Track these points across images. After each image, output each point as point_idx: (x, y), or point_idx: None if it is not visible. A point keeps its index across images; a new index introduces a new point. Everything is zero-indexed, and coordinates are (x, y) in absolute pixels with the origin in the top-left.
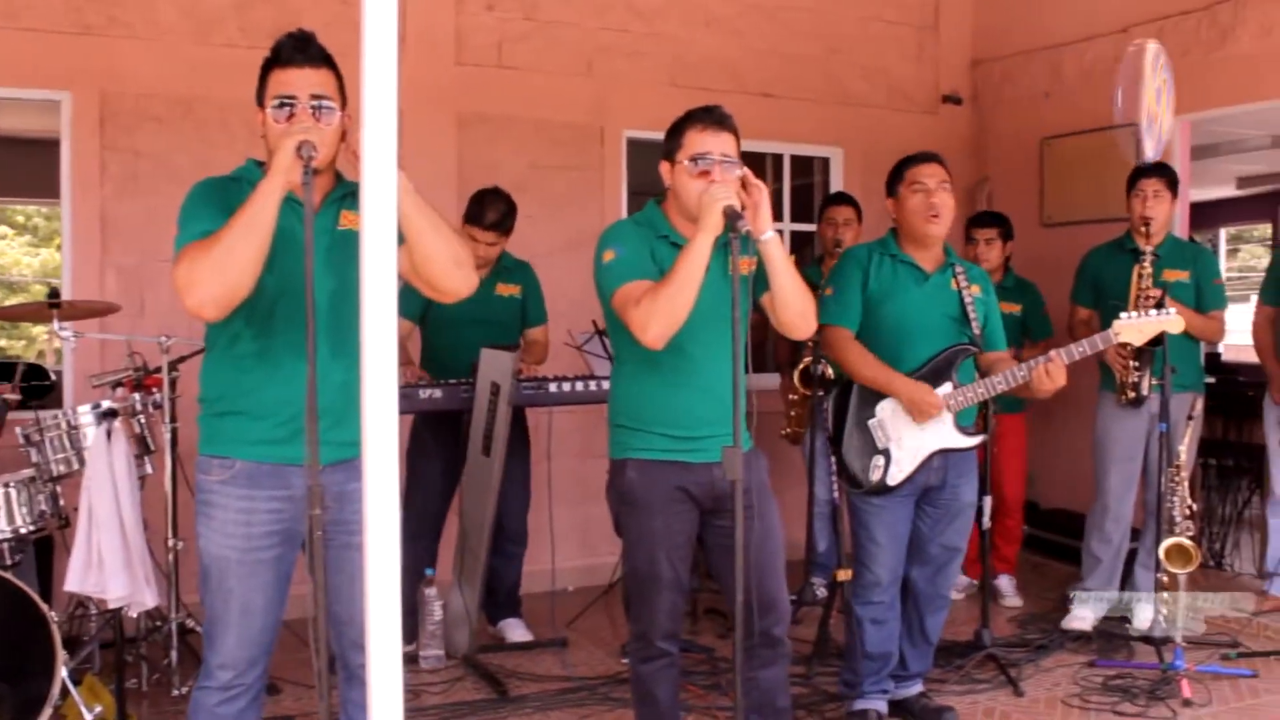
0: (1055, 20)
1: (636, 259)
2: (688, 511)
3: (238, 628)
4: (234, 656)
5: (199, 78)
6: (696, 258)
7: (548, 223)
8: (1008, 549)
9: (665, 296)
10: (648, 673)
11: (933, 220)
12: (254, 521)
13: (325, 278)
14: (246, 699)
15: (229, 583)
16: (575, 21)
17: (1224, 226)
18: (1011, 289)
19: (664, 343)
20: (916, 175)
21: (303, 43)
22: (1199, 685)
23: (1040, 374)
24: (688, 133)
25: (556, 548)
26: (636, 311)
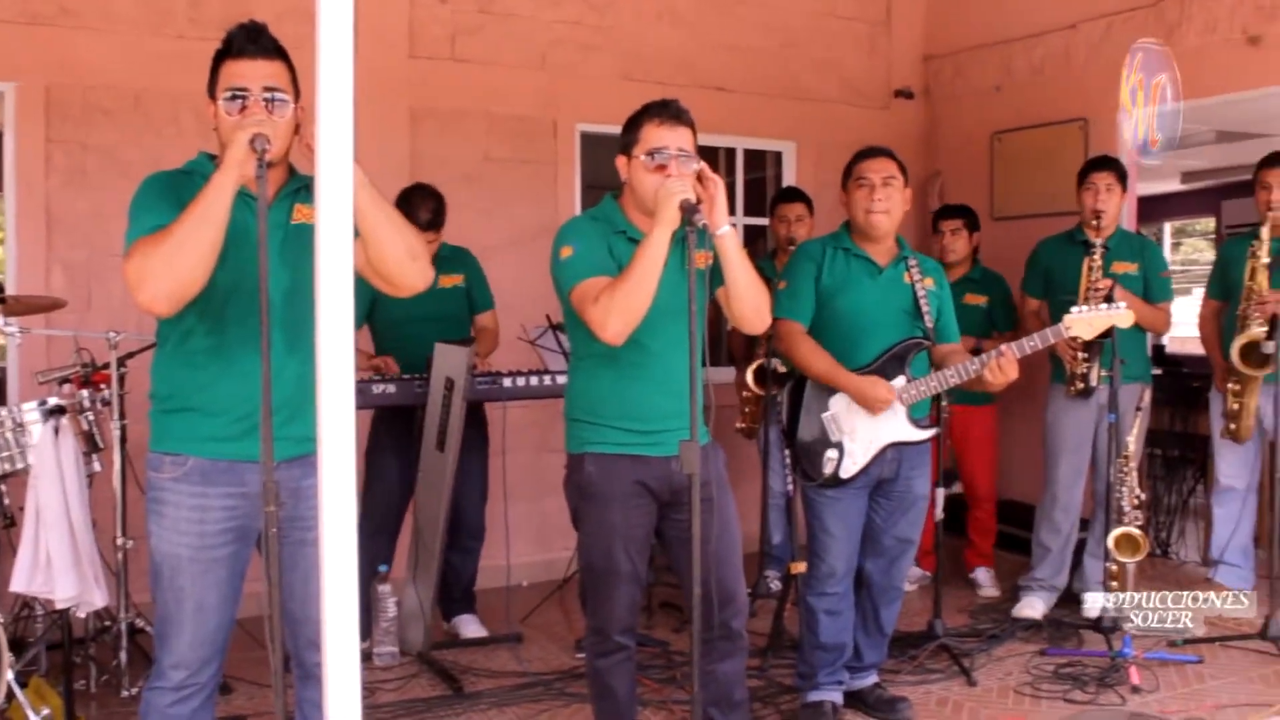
0: (1005, 16)
1: (594, 255)
2: (646, 505)
3: (191, 626)
4: (187, 656)
5: (149, 69)
6: (654, 253)
7: (500, 216)
8: (983, 542)
9: (623, 292)
10: (605, 667)
11: (872, 215)
12: (208, 519)
13: (279, 273)
14: (200, 699)
15: (181, 581)
16: (529, 14)
17: (1169, 220)
18: (979, 280)
19: (624, 339)
20: (862, 170)
21: (255, 34)
22: (1147, 672)
23: (993, 367)
24: (644, 127)
25: (511, 543)
26: (595, 308)
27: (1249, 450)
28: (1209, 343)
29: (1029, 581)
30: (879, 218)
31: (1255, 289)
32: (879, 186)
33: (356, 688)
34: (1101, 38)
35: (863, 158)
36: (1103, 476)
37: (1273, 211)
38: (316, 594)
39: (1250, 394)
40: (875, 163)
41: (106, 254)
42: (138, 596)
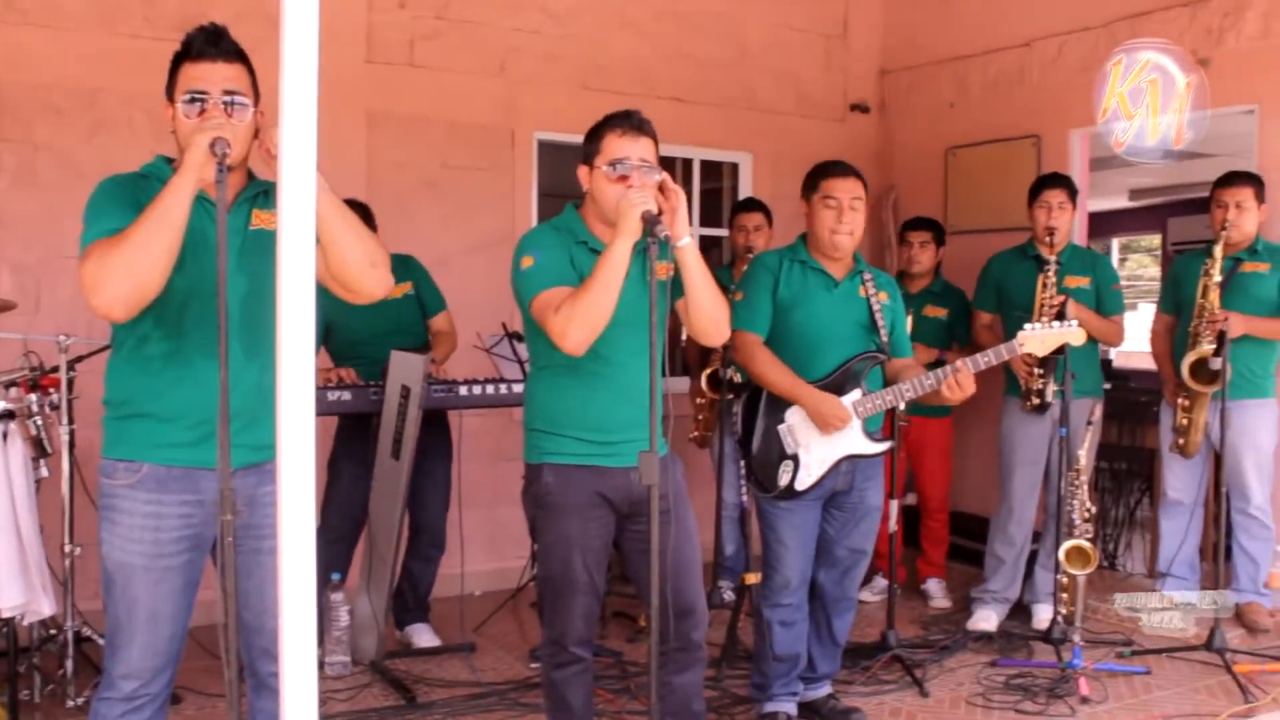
0: (961, 33)
1: (555, 265)
2: (604, 516)
3: (143, 636)
4: (138, 666)
5: (102, 68)
6: (615, 264)
7: (457, 224)
8: (934, 551)
9: (584, 303)
10: (561, 678)
11: (838, 236)
12: (162, 527)
13: (237, 278)
14: (151, 709)
15: (134, 590)
16: (488, 21)
17: (1116, 236)
18: (939, 293)
19: (584, 349)
20: (831, 189)
21: (215, 36)
22: (1096, 683)
23: (950, 384)
24: (606, 137)
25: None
26: (556, 318)
27: (1196, 465)
28: (1160, 357)
29: (982, 593)
30: (844, 239)
31: (1207, 306)
32: (846, 209)
33: (314, 698)
34: (1055, 57)
35: (830, 175)
36: (1054, 489)
37: (1226, 230)
38: (272, 603)
39: (1199, 410)
40: (845, 183)
41: (57, 255)
42: (84, 605)
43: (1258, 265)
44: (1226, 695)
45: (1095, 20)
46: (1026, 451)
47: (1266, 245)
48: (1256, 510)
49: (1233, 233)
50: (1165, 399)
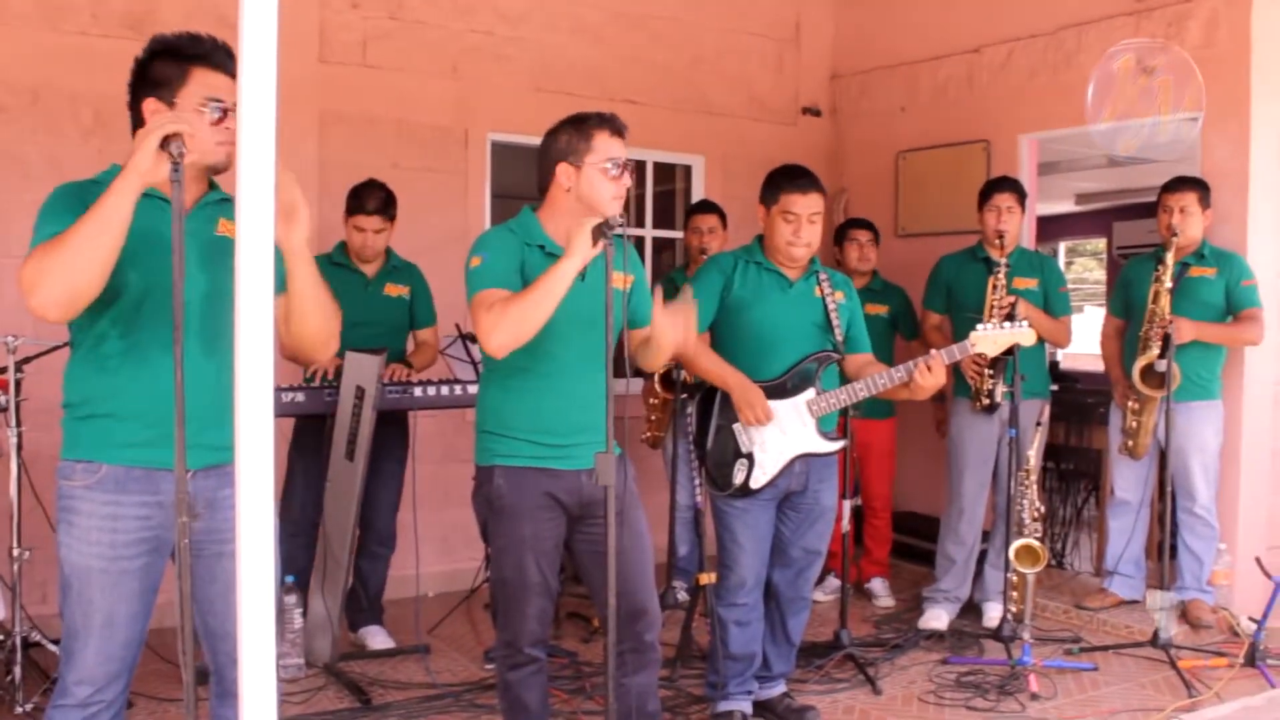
0: (911, 38)
1: (500, 266)
2: (556, 518)
3: (99, 641)
4: (93, 672)
5: (47, 66)
6: (559, 278)
7: (410, 225)
8: (879, 550)
9: (518, 309)
10: (516, 680)
11: (794, 249)
12: (120, 529)
13: (197, 277)
14: (107, 717)
15: (90, 593)
16: (440, 23)
17: (1063, 240)
18: (880, 291)
19: (507, 353)
20: (790, 205)
21: (228, 50)
22: (1045, 679)
23: (922, 370)
24: (598, 136)
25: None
26: (486, 316)
27: (1143, 465)
28: (1110, 360)
29: (933, 593)
30: (801, 251)
31: (1158, 312)
32: (804, 224)
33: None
34: (1003, 63)
35: (791, 190)
36: (1003, 489)
37: (1175, 235)
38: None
39: (1149, 413)
40: (806, 199)
41: (3, 256)
42: (33, 609)
43: (1204, 270)
44: (1171, 690)
45: (1043, 27)
46: (976, 452)
47: (1213, 250)
48: (1201, 510)
49: (1179, 237)
50: (1115, 401)
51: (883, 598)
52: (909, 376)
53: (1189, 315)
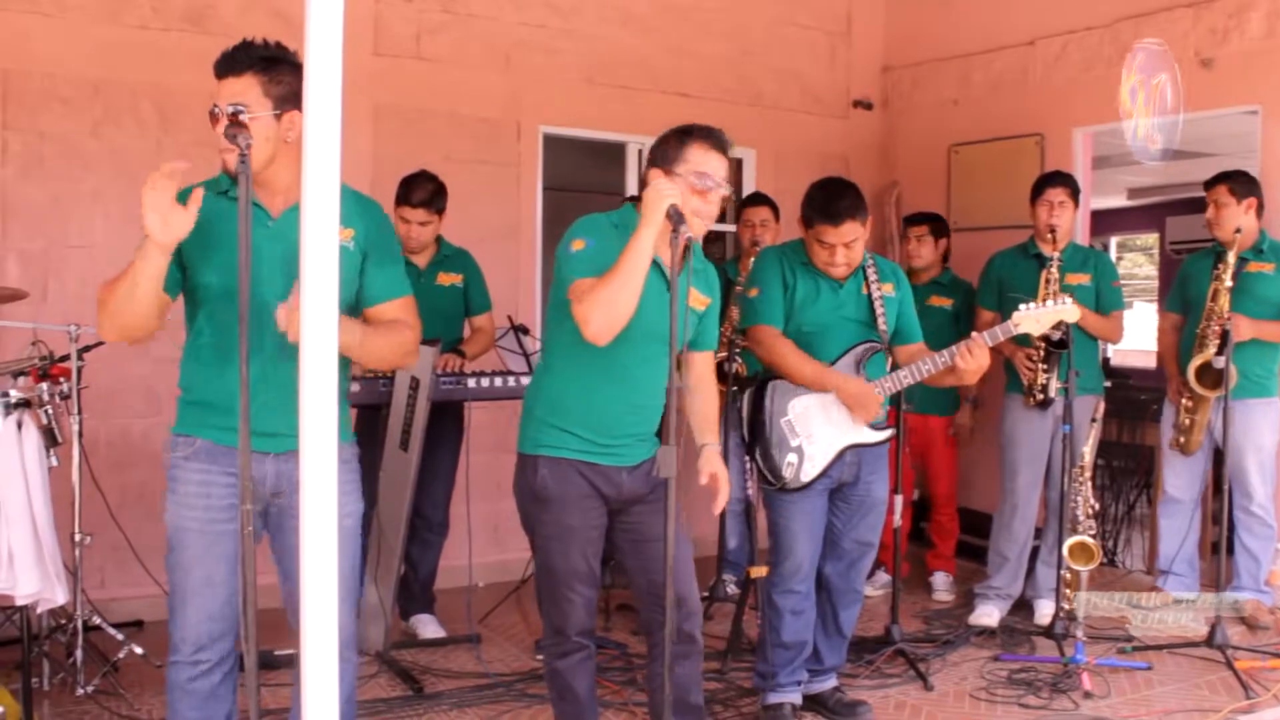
0: (964, 30)
1: (604, 255)
2: (598, 507)
3: (200, 599)
4: (196, 630)
5: (109, 58)
6: (638, 251)
7: (462, 217)
8: (944, 545)
9: (608, 290)
10: (565, 667)
11: (832, 269)
12: (212, 494)
13: (279, 282)
14: (219, 674)
15: (188, 554)
16: (493, 15)
17: (1114, 235)
18: (946, 285)
19: (607, 338)
20: (823, 235)
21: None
22: (1098, 678)
23: (963, 352)
24: (692, 146)
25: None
26: (581, 305)
27: (1196, 463)
28: (1166, 355)
29: (985, 589)
30: (839, 270)
31: (1216, 310)
32: (840, 250)
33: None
34: (1058, 56)
35: (823, 219)
36: (1056, 486)
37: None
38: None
39: (1202, 410)
40: (839, 230)
41: (64, 245)
42: (93, 594)
43: (1262, 265)
44: (1228, 691)
45: (1099, 20)
46: (1029, 448)
47: (1272, 245)
48: (1259, 508)
49: (1216, 231)
50: (1168, 396)
51: (942, 592)
52: (952, 361)
53: (1246, 312)
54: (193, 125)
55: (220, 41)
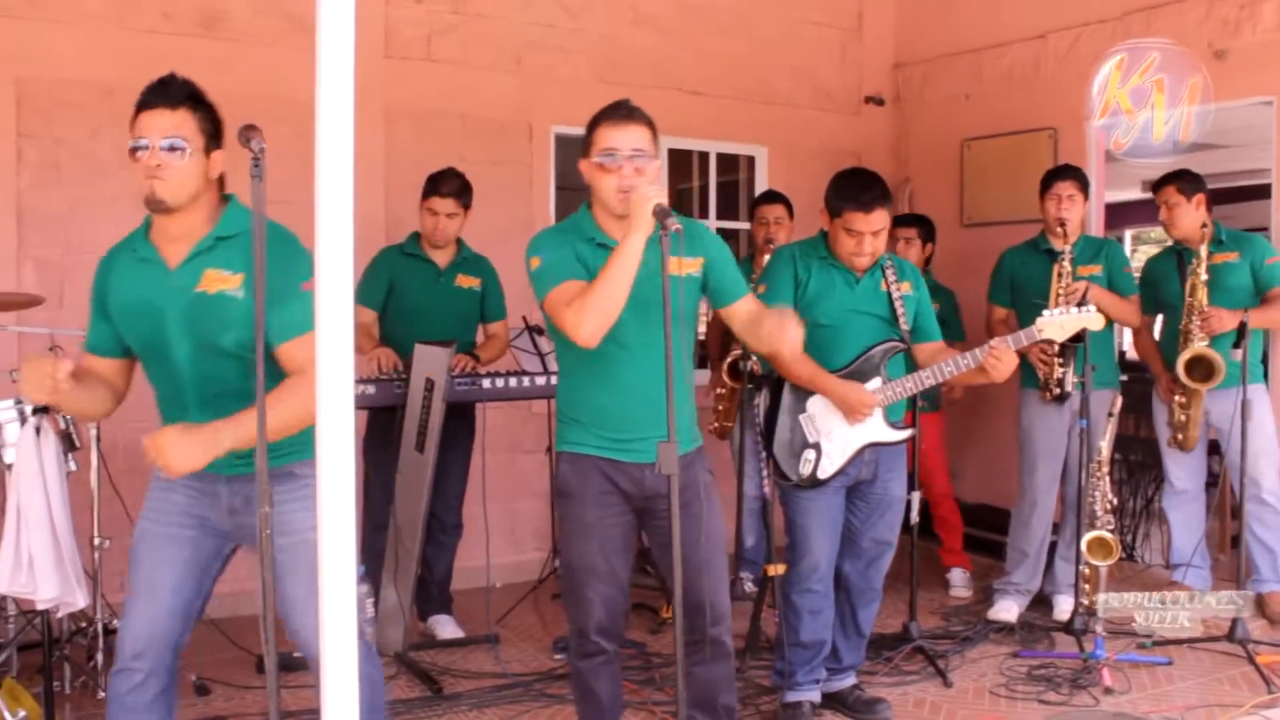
0: (974, 25)
1: (561, 262)
2: (619, 504)
3: (141, 603)
4: (134, 632)
5: (121, 63)
6: (627, 256)
7: (475, 217)
8: (951, 539)
9: (596, 295)
10: (586, 668)
11: (857, 260)
12: (170, 500)
13: (181, 342)
14: (155, 688)
15: (140, 550)
16: (502, 15)
17: (1129, 228)
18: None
19: (597, 341)
20: (853, 223)
21: (161, 85)
22: (1119, 673)
23: (992, 360)
24: (599, 128)
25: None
26: (568, 312)
27: (1197, 452)
28: (1148, 355)
29: (1004, 585)
30: (864, 261)
31: (1196, 304)
32: (868, 239)
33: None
34: (1069, 49)
35: (854, 206)
36: (1074, 481)
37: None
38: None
39: (1195, 405)
40: (870, 218)
41: (80, 251)
42: (113, 597)
43: (1226, 255)
44: (1249, 686)
45: (1110, 13)
46: (1047, 444)
47: (1230, 233)
48: (1269, 495)
49: (1172, 231)
50: (1158, 394)
51: (960, 588)
52: (975, 364)
53: (1219, 303)
54: None
55: (231, 46)
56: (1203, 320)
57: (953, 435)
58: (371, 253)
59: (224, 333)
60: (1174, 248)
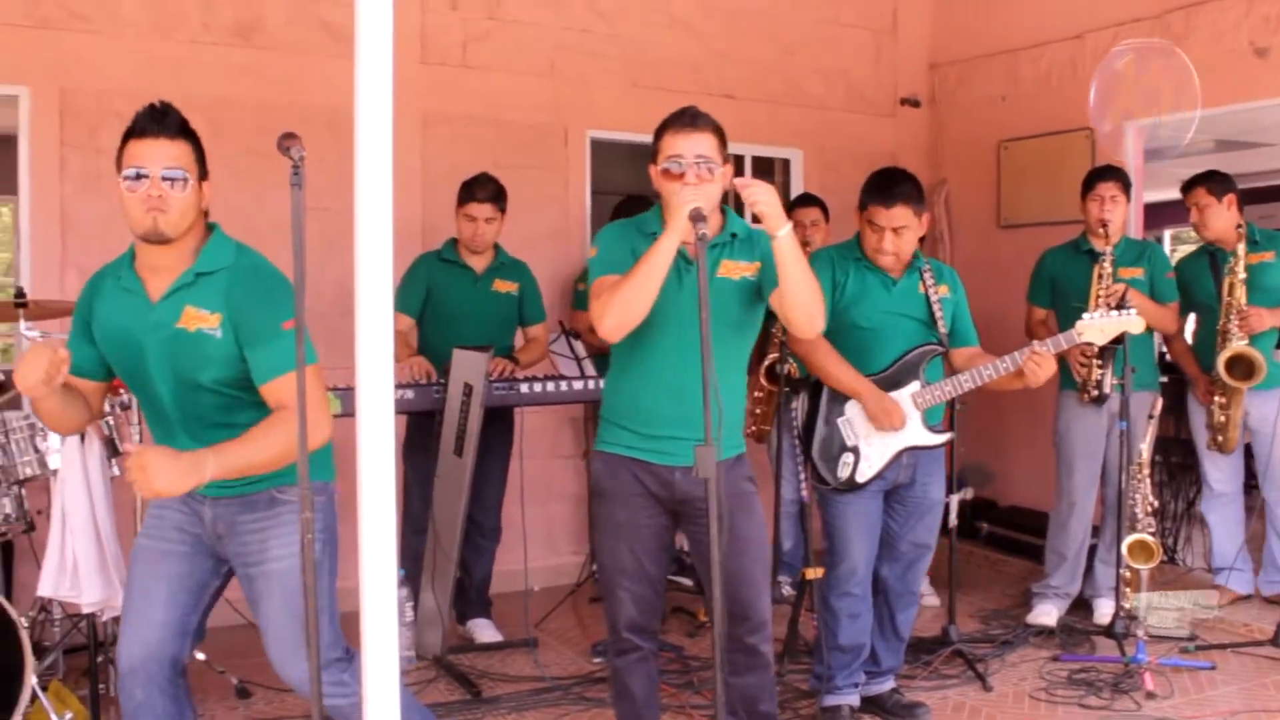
0: (1011, 25)
1: (613, 255)
2: (651, 505)
3: (134, 615)
4: (128, 649)
5: (161, 74)
6: (658, 257)
7: (511, 222)
8: None
9: (622, 290)
10: (621, 666)
11: (881, 257)
12: (165, 516)
13: (162, 377)
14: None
15: (135, 566)
16: (537, 21)
17: (1168, 228)
18: None
19: (619, 334)
20: (874, 216)
21: (159, 114)
22: (1161, 678)
23: (1032, 366)
24: (665, 136)
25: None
26: (597, 304)
27: (1235, 454)
28: (1182, 357)
29: (1043, 588)
30: (887, 260)
31: (1235, 303)
32: (889, 235)
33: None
34: (1107, 49)
35: (876, 200)
36: (1113, 483)
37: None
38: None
39: (1235, 405)
40: (890, 213)
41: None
42: None
43: (1262, 255)
44: None
45: (1148, 11)
46: (1085, 446)
47: (1264, 233)
48: None
49: (1205, 233)
50: (1195, 397)
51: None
52: (1014, 367)
53: (1256, 303)
54: (242, 136)
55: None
56: (1241, 320)
57: (989, 438)
58: (408, 259)
59: (203, 370)
60: (1206, 248)
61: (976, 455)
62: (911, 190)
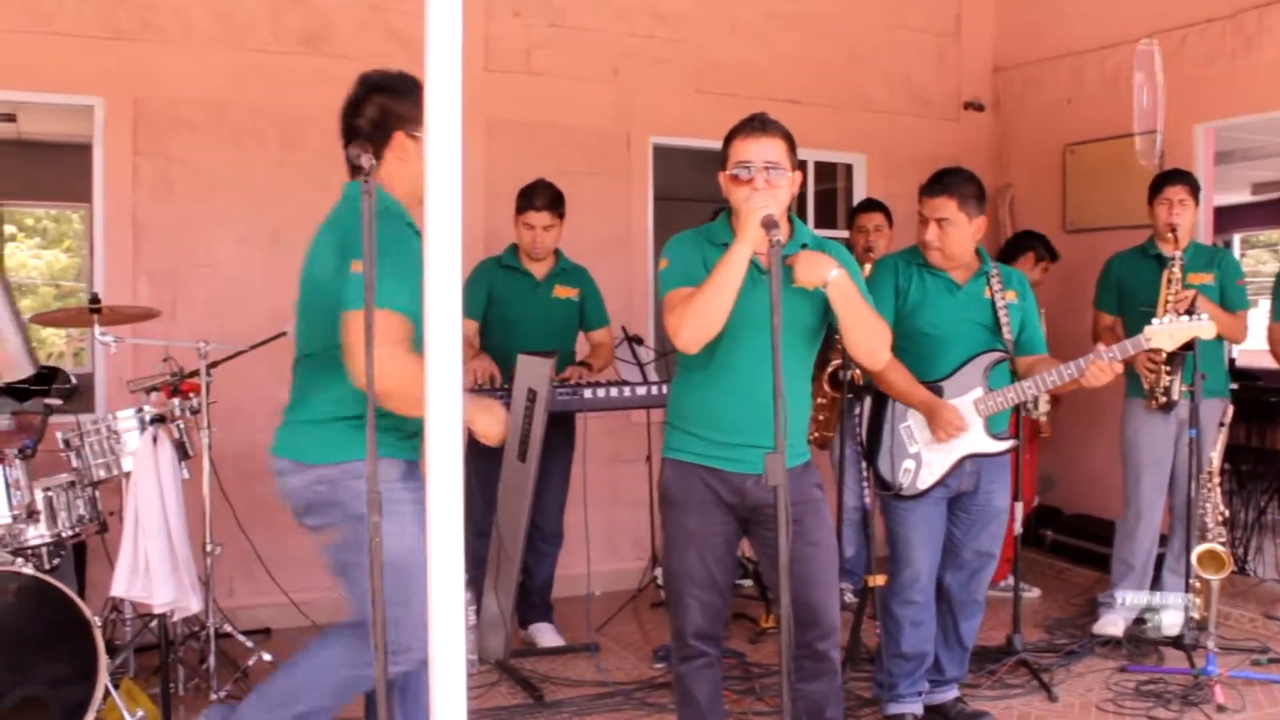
0: (1077, 27)
1: (684, 267)
2: (723, 514)
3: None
4: None
5: (232, 82)
6: (731, 267)
7: (574, 228)
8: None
9: (697, 302)
10: (685, 672)
11: (927, 251)
12: None
13: None
14: None
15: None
16: (600, 27)
17: (1238, 231)
18: None
19: (697, 347)
20: (920, 207)
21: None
22: (1232, 690)
23: (1095, 374)
24: (733, 142)
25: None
26: (672, 317)
27: None
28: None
29: (1109, 598)
30: (932, 254)
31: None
32: (931, 224)
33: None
34: (1176, 50)
35: (923, 190)
36: (1182, 492)
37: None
38: None
39: None
40: (932, 203)
41: (192, 265)
42: (223, 602)
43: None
44: None
45: (1221, 11)
46: (1153, 453)
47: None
48: None
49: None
50: None
51: None
52: (1078, 373)
53: None
54: (313, 144)
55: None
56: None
57: (1054, 444)
58: (471, 264)
59: None
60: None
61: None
62: (959, 184)
